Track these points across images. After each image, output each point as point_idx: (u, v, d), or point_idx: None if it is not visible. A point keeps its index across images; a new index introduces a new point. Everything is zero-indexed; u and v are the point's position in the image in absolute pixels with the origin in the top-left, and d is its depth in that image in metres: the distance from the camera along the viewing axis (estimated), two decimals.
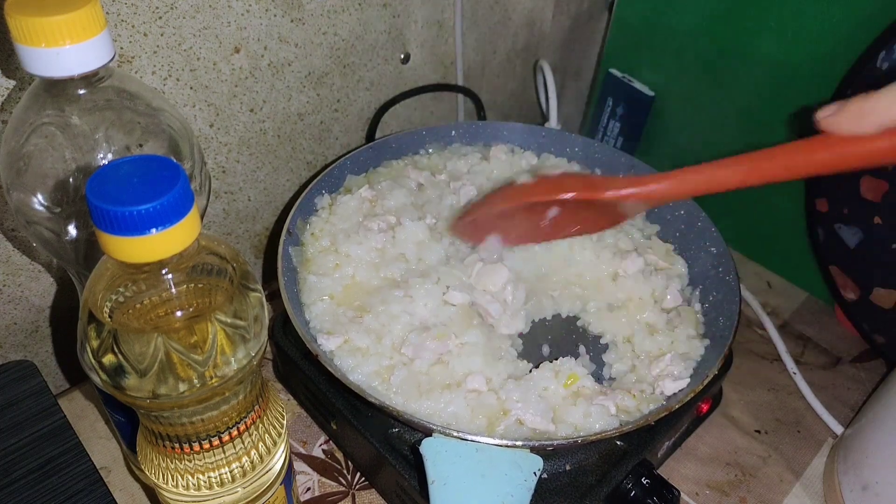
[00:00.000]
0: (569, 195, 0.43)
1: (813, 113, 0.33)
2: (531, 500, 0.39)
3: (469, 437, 0.40)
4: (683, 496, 0.51)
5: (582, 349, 0.52)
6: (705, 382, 0.44)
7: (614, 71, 0.76)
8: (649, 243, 0.57)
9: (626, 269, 0.53)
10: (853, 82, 0.57)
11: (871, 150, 0.33)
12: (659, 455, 0.51)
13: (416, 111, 0.75)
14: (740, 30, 0.64)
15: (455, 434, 0.40)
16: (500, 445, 0.40)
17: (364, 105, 0.69)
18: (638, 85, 0.74)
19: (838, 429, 0.57)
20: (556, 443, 0.41)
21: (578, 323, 0.54)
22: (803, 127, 0.63)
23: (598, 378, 0.49)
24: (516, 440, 0.40)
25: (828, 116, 0.33)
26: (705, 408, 0.55)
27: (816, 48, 0.60)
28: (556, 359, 0.48)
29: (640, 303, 0.52)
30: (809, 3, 0.59)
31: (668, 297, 0.52)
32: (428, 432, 0.40)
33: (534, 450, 0.40)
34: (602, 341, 0.52)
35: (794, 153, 0.35)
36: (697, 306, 0.53)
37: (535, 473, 0.39)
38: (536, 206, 0.45)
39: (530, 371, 0.47)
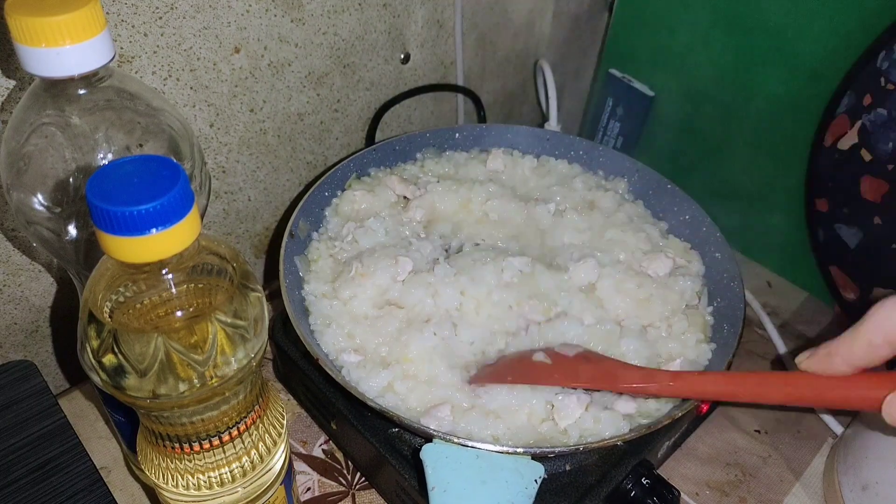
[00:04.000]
0: (582, 385, 0.44)
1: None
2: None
3: (469, 444, 0.39)
4: (683, 496, 0.51)
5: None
6: None
7: (614, 71, 0.76)
8: (667, 242, 0.57)
9: (656, 272, 0.53)
10: (853, 82, 0.57)
11: (842, 395, 0.36)
12: (659, 455, 0.51)
13: (416, 111, 0.75)
14: (740, 29, 0.64)
15: (455, 440, 0.39)
16: (501, 452, 0.39)
17: (364, 105, 0.69)
18: (638, 85, 0.74)
19: (838, 429, 0.57)
20: (557, 450, 0.41)
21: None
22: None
23: None
24: (517, 447, 0.40)
25: (804, 360, 0.37)
26: (705, 408, 0.55)
27: (817, 48, 0.60)
28: None
29: (668, 304, 0.52)
30: (809, 3, 0.59)
31: (687, 294, 0.52)
32: (428, 438, 0.40)
33: (535, 457, 0.40)
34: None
35: (784, 385, 0.39)
36: (708, 308, 0.52)
37: (535, 481, 0.39)
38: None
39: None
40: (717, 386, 0.41)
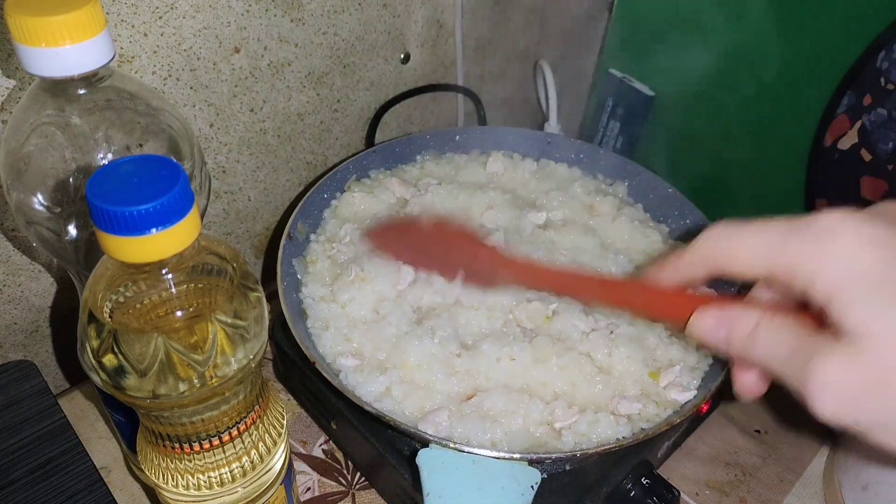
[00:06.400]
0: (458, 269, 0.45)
1: None
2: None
3: (466, 449, 0.39)
4: (683, 496, 0.51)
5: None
6: (708, 396, 0.44)
7: (614, 71, 0.76)
8: (668, 246, 0.57)
9: None
10: (853, 82, 0.57)
11: (656, 306, 0.37)
12: (659, 455, 0.51)
13: (416, 111, 0.75)
14: (740, 30, 0.64)
15: (452, 445, 0.39)
16: (498, 458, 0.39)
17: (364, 105, 0.69)
18: (638, 85, 0.74)
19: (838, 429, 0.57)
20: (554, 456, 0.41)
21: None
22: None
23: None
24: (514, 453, 0.39)
25: (650, 267, 0.37)
26: (705, 408, 0.55)
27: (816, 48, 0.60)
28: None
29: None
30: (809, 3, 0.59)
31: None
32: (424, 443, 0.40)
33: (532, 462, 0.40)
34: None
35: (612, 288, 0.40)
36: None
37: (532, 487, 0.39)
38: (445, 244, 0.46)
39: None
40: (562, 281, 0.41)
